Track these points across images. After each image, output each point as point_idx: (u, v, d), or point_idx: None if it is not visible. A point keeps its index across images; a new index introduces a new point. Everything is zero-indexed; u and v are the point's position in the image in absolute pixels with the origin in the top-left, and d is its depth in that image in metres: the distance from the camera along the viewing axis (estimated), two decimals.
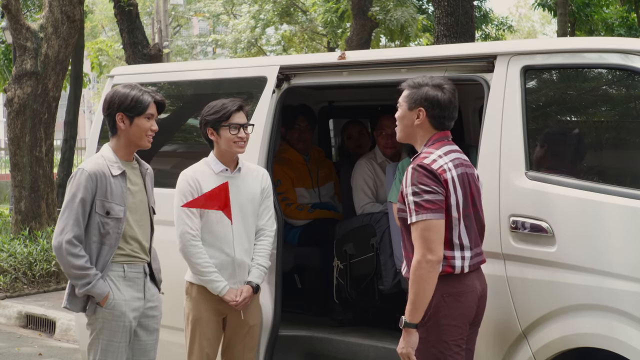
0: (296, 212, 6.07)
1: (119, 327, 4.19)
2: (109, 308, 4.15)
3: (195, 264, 4.53)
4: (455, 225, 3.82)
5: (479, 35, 22.99)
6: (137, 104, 4.23)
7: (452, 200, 3.78)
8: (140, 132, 4.26)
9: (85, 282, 4.05)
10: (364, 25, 14.72)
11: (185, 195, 4.53)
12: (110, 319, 4.17)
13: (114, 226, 4.15)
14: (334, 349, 5.15)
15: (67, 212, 4.10)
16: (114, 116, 4.25)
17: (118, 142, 4.28)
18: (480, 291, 3.94)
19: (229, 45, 29.91)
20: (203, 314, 4.59)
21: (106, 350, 4.19)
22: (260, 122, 5.09)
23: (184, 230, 4.51)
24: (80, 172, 4.15)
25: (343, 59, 4.97)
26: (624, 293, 3.77)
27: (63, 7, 10.81)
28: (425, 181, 3.75)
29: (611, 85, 4.23)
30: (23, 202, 10.78)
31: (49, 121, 10.92)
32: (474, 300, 3.90)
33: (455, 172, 3.82)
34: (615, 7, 19.93)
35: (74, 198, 4.10)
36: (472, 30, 10.23)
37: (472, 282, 3.89)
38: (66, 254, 4.04)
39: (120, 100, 4.23)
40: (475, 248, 3.91)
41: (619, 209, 3.82)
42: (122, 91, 4.27)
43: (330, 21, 20.08)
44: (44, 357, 7.54)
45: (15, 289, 9.75)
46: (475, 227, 3.92)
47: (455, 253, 3.83)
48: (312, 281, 6.14)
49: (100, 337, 4.19)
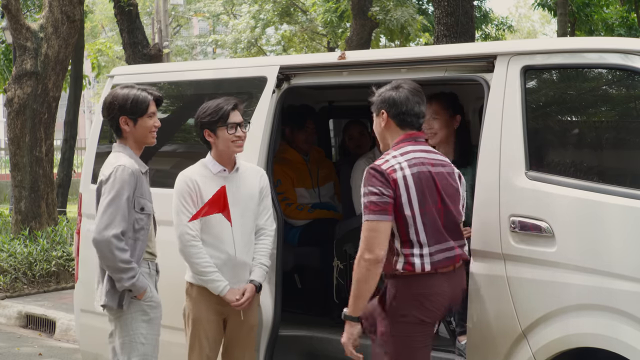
0: (296, 212, 6.07)
1: (156, 317, 4.27)
2: (147, 300, 4.22)
3: (195, 264, 4.52)
4: (411, 224, 3.86)
5: (479, 35, 22.99)
6: (138, 105, 4.26)
7: (403, 199, 3.85)
8: (145, 131, 4.32)
9: (130, 275, 4.09)
10: (364, 25, 14.73)
11: (184, 197, 4.53)
12: (148, 311, 4.23)
13: (146, 222, 4.24)
14: (334, 349, 5.14)
15: (112, 208, 4.10)
16: (117, 120, 4.28)
17: (128, 143, 4.33)
18: (450, 294, 3.95)
19: (229, 45, 29.92)
20: (203, 315, 4.59)
21: (149, 343, 4.24)
22: (260, 122, 5.09)
23: (184, 231, 4.51)
24: (123, 169, 4.16)
25: (343, 59, 4.97)
26: (624, 293, 3.77)
27: (63, 7, 10.81)
28: (373, 182, 3.84)
29: (611, 85, 4.23)
30: (23, 202, 10.78)
31: (49, 121, 10.92)
32: (441, 303, 3.93)
33: (409, 171, 3.87)
34: (615, 7, 19.93)
35: (120, 195, 4.11)
36: (472, 30, 10.23)
37: (440, 283, 3.91)
38: (114, 248, 4.06)
39: (121, 103, 4.26)
40: (437, 245, 3.91)
41: (619, 209, 3.82)
42: (120, 94, 4.28)
43: (330, 21, 20.10)
44: (44, 357, 7.55)
45: (15, 289, 9.75)
46: (439, 224, 3.93)
47: (414, 250, 3.87)
48: (312, 281, 6.14)
49: (137, 331, 4.22)
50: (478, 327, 4.24)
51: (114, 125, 4.32)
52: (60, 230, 10.71)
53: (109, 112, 4.31)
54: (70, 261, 10.19)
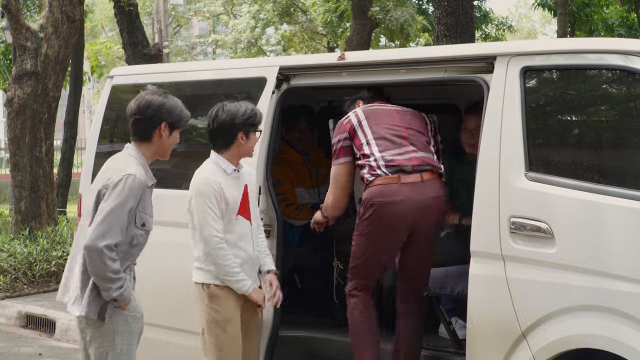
0: (296, 212, 6.07)
1: (137, 329, 4.12)
2: (131, 311, 4.06)
3: (224, 266, 4.48)
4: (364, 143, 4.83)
5: (479, 35, 22.98)
6: (183, 117, 4.14)
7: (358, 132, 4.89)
8: (172, 145, 4.18)
9: (119, 285, 3.92)
10: (364, 25, 14.72)
11: (210, 199, 4.47)
12: (130, 322, 4.07)
13: (144, 238, 4.08)
14: (333, 349, 5.15)
15: (112, 217, 3.90)
16: (158, 124, 4.08)
17: (148, 150, 4.11)
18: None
19: (229, 45, 29.91)
20: (233, 314, 4.55)
21: (126, 354, 4.08)
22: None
23: (211, 233, 4.46)
24: (133, 180, 3.95)
25: (342, 60, 4.97)
26: (624, 294, 3.77)
27: (63, 7, 10.81)
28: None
29: (611, 86, 4.23)
30: (23, 202, 10.78)
31: (49, 121, 10.92)
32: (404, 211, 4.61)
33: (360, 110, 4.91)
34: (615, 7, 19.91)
35: (123, 205, 3.92)
36: (472, 30, 10.23)
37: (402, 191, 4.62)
38: (106, 258, 3.87)
39: (171, 110, 4.09)
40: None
41: (618, 210, 3.82)
42: (171, 102, 4.12)
43: (330, 21, 20.09)
44: (44, 357, 7.55)
45: (15, 289, 9.75)
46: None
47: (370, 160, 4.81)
48: (312, 281, 6.14)
49: (118, 342, 4.06)
50: (478, 328, 4.24)
51: (150, 127, 4.08)
52: (60, 230, 10.71)
53: (156, 112, 4.07)
54: None
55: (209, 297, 4.54)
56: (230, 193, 4.52)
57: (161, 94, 4.16)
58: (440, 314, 5.03)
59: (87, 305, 3.99)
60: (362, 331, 4.79)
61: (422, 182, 4.62)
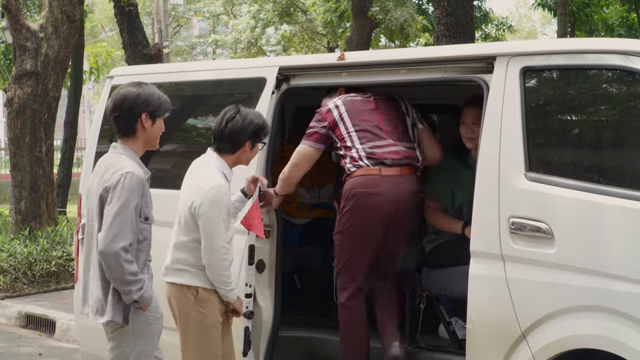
0: (296, 211, 6.07)
1: (157, 330, 4.11)
2: (152, 311, 4.05)
3: (224, 276, 4.46)
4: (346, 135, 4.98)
5: (479, 35, 22.98)
6: (162, 104, 4.11)
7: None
8: (158, 133, 4.16)
9: (138, 287, 3.91)
10: (364, 25, 14.73)
11: (224, 209, 4.44)
12: (151, 322, 4.07)
13: (149, 231, 4.06)
14: (334, 349, 5.15)
15: (120, 218, 3.88)
16: (138, 116, 4.05)
17: (135, 144, 4.10)
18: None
19: (229, 45, 29.92)
20: (218, 318, 4.54)
21: (145, 355, 4.07)
22: None
23: (220, 244, 4.42)
24: (131, 177, 3.93)
25: (342, 60, 4.97)
26: (624, 294, 3.77)
27: (63, 7, 10.81)
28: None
29: (611, 86, 4.23)
30: (23, 202, 10.78)
31: (49, 121, 10.92)
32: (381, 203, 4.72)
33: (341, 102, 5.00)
34: (615, 7, 19.91)
35: (128, 203, 3.90)
36: (472, 30, 10.23)
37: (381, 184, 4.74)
38: (122, 261, 3.85)
39: (147, 99, 4.05)
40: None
41: (618, 210, 3.82)
42: (146, 91, 4.08)
43: (330, 21, 20.09)
44: (44, 357, 7.55)
45: (15, 289, 9.75)
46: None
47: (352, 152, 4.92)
48: (312, 282, 6.14)
49: (139, 343, 4.05)
50: (478, 328, 4.24)
51: (130, 121, 4.06)
52: (60, 230, 10.72)
53: (133, 105, 4.04)
54: (70, 261, 10.19)
55: (196, 300, 4.49)
56: (230, 201, 4.54)
57: (135, 85, 4.12)
58: (440, 314, 5.03)
59: (112, 310, 3.97)
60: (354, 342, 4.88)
61: (401, 176, 4.76)
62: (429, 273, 5.00)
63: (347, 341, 4.88)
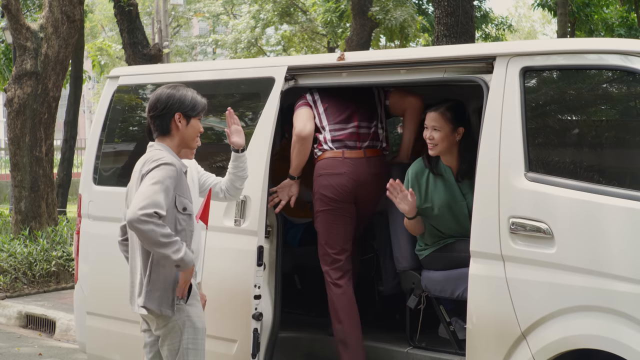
0: (297, 210, 6.07)
1: (202, 322, 4.14)
2: (195, 298, 4.11)
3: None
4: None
5: (479, 35, 22.99)
6: (196, 104, 4.22)
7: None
8: (195, 133, 4.23)
9: (175, 248, 3.87)
10: (364, 25, 14.73)
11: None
12: (196, 312, 4.10)
13: (188, 223, 4.11)
14: (334, 350, 5.15)
15: (150, 191, 3.88)
16: (172, 115, 4.17)
17: (172, 143, 4.20)
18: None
19: (229, 45, 29.93)
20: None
21: (196, 349, 4.09)
22: (268, 123, 5.05)
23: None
24: (167, 164, 4.00)
25: (342, 60, 4.96)
26: (624, 294, 3.77)
27: (63, 7, 10.82)
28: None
29: (611, 86, 4.23)
30: (23, 202, 10.78)
31: (49, 121, 10.93)
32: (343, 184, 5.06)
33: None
34: (615, 7, 19.93)
35: (162, 182, 3.93)
36: (472, 30, 10.23)
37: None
38: (151, 224, 3.82)
39: (180, 99, 4.18)
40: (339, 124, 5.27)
41: (618, 210, 3.82)
42: (180, 91, 4.22)
43: (330, 21, 20.11)
44: (44, 357, 7.55)
45: (15, 289, 9.75)
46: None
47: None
48: (312, 282, 6.13)
49: (184, 337, 4.08)
50: (478, 328, 4.24)
51: (165, 121, 4.17)
52: (60, 230, 10.72)
53: (166, 105, 4.16)
54: (70, 261, 10.20)
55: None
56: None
57: (170, 87, 4.26)
58: (440, 314, 5.03)
59: (158, 301, 4.01)
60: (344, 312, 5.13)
61: (364, 158, 5.09)
62: (428, 275, 4.99)
63: (341, 319, 5.05)
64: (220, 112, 5.26)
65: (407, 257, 5.12)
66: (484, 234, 4.22)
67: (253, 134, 5.09)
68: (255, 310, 4.79)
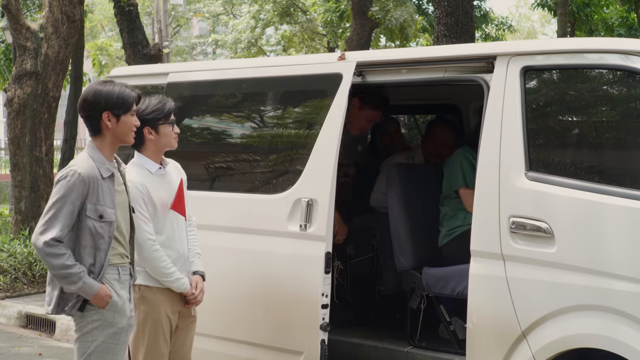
0: None
1: (126, 328, 4.13)
2: (110, 309, 4.08)
3: (160, 268, 4.44)
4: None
5: (479, 35, 22.97)
6: (124, 101, 4.10)
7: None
8: (127, 129, 4.14)
9: (70, 281, 4.01)
10: (364, 25, 14.73)
11: (138, 202, 4.41)
12: (111, 321, 4.08)
13: (107, 230, 4.06)
14: (333, 349, 5.14)
15: (52, 212, 3.96)
16: (100, 115, 4.08)
17: (103, 142, 4.12)
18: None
19: (229, 45, 29.93)
20: (163, 315, 4.51)
21: (104, 352, 4.09)
22: (336, 122, 4.78)
23: (145, 237, 4.41)
24: (73, 174, 3.99)
25: (343, 60, 4.92)
26: (624, 294, 3.77)
27: (63, 7, 10.81)
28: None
29: (611, 85, 4.23)
30: (23, 202, 10.78)
31: (49, 121, 10.92)
32: None
33: None
34: (615, 7, 19.91)
35: (63, 199, 3.96)
36: (472, 30, 10.23)
37: None
38: (45, 255, 3.98)
39: (107, 98, 4.07)
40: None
41: (618, 209, 3.82)
42: (105, 89, 4.11)
43: (330, 21, 20.09)
44: (44, 357, 7.54)
45: (15, 289, 9.75)
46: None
47: None
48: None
49: (97, 339, 4.10)
50: (478, 327, 4.24)
51: (93, 121, 4.10)
52: None
53: (93, 106, 4.08)
54: None
55: (140, 298, 4.49)
56: (157, 193, 4.46)
57: (100, 83, 4.15)
58: (441, 314, 5.03)
59: (53, 302, 4.22)
60: None
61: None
62: (429, 272, 5.00)
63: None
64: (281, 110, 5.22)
65: (408, 256, 5.12)
66: (484, 234, 4.22)
67: (319, 135, 4.84)
68: (322, 320, 4.61)
